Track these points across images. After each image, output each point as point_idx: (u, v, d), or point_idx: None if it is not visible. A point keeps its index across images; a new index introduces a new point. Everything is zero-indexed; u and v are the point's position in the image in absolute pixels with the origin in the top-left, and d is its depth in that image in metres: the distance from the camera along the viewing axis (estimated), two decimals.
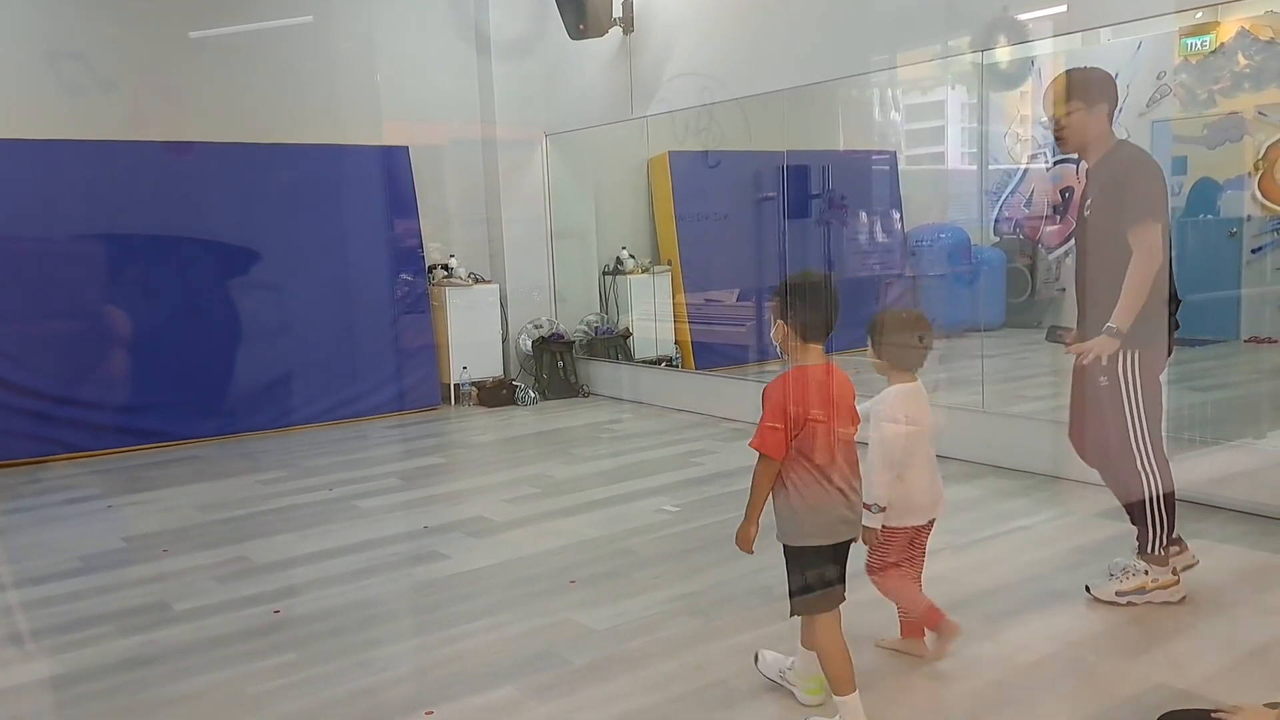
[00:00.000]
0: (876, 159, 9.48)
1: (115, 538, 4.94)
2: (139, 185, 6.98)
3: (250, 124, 7.45)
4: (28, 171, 6.67)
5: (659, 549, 4.52)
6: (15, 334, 6.55)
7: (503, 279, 8.74)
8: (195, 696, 3.21)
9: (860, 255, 9.30)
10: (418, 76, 8.31)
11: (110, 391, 6.83)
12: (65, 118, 6.86)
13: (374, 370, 7.39)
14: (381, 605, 4.02)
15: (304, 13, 7.81)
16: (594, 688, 3.16)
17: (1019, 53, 7.36)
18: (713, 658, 3.34)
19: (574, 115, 8.62)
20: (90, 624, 3.82)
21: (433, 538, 4.79)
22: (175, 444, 6.96)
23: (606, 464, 6.17)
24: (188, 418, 7.01)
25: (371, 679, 3.29)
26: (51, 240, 6.69)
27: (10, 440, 6.50)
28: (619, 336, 8.94)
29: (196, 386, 7.06)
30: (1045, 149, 9.58)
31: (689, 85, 7.42)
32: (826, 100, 7.40)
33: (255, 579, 4.29)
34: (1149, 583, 3.60)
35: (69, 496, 5.80)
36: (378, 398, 7.64)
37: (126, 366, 6.90)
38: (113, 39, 7.10)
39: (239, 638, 3.65)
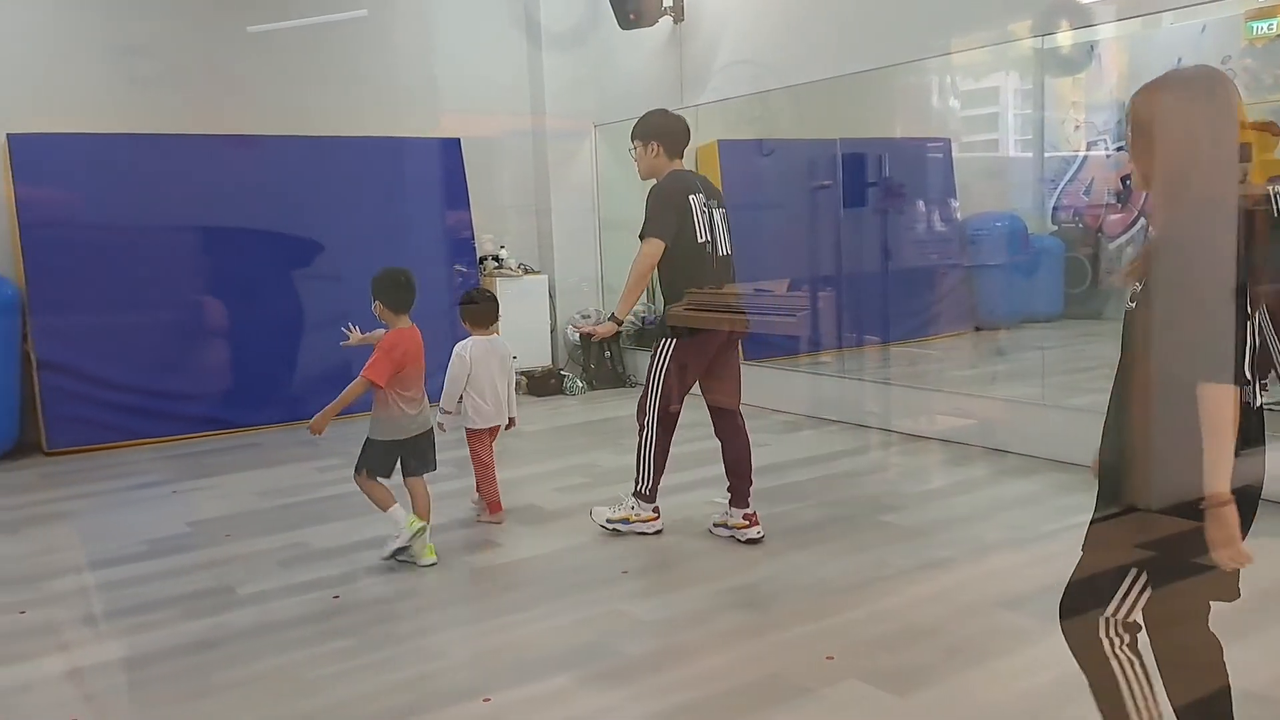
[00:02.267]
0: (931, 146, 9.35)
1: (180, 522, 5.06)
2: (202, 178, 7.11)
3: (309, 117, 7.56)
4: (95, 165, 6.83)
5: (711, 541, 4.52)
6: (84, 324, 6.72)
7: (551, 269, 8.78)
8: (258, 680, 3.28)
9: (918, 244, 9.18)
10: (470, 69, 8.35)
11: (175, 380, 6.99)
12: (132, 112, 7.01)
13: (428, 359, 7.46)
14: (437, 593, 4.08)
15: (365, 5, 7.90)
16: (647, 679, 3.18)
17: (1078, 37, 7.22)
18: (766, 651, 3.34)
19: (623, 105, 8.59)
20: (158, 607, 3.92)
21: (485, 526, 4.84)
22: (237, 431, 7.09)
23: None
24: (249, 406, 7.15)
25: (428, 665, 3.34)
26: (118, 232, 6.85)
27: (79, 427, 6.67)
28: None
29: (258, 375, 7.20)
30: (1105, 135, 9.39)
31: (741, 73, 7.38)
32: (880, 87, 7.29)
33: (314, 564, 4.37)
34: (632, 515, 4.53)
35: (135, 482, 5.94)
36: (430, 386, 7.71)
37: (191, 356, 7.06)
38: (176, 34, 7.25)
39: (299, 622, 3.73)
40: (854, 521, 4.70)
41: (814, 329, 8.31)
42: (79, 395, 6.68)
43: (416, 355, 4.32)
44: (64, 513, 5.36)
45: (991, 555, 4.26)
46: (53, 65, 6.87)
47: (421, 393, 4.39)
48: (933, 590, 3.83)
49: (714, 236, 4.36)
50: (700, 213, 4.32)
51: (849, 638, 3.40)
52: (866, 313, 8.45)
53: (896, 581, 3.93)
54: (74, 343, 6.68)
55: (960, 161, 9.62)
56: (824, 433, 6.65)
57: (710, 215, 4.36)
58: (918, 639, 3.39)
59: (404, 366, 4.23)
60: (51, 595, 4.09)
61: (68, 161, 6.77)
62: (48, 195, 6.66)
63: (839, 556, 4.23)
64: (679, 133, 4.41)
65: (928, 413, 6.36)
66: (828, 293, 8.32)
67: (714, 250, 4.35)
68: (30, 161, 6.65)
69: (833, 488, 5.34)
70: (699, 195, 4.34)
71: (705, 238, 4.32)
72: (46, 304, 6.61)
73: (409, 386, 4.28)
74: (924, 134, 9.33)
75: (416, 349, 4.32)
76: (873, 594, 3.81)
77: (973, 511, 4.84)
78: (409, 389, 4.28)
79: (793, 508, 4.95)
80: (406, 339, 4.26)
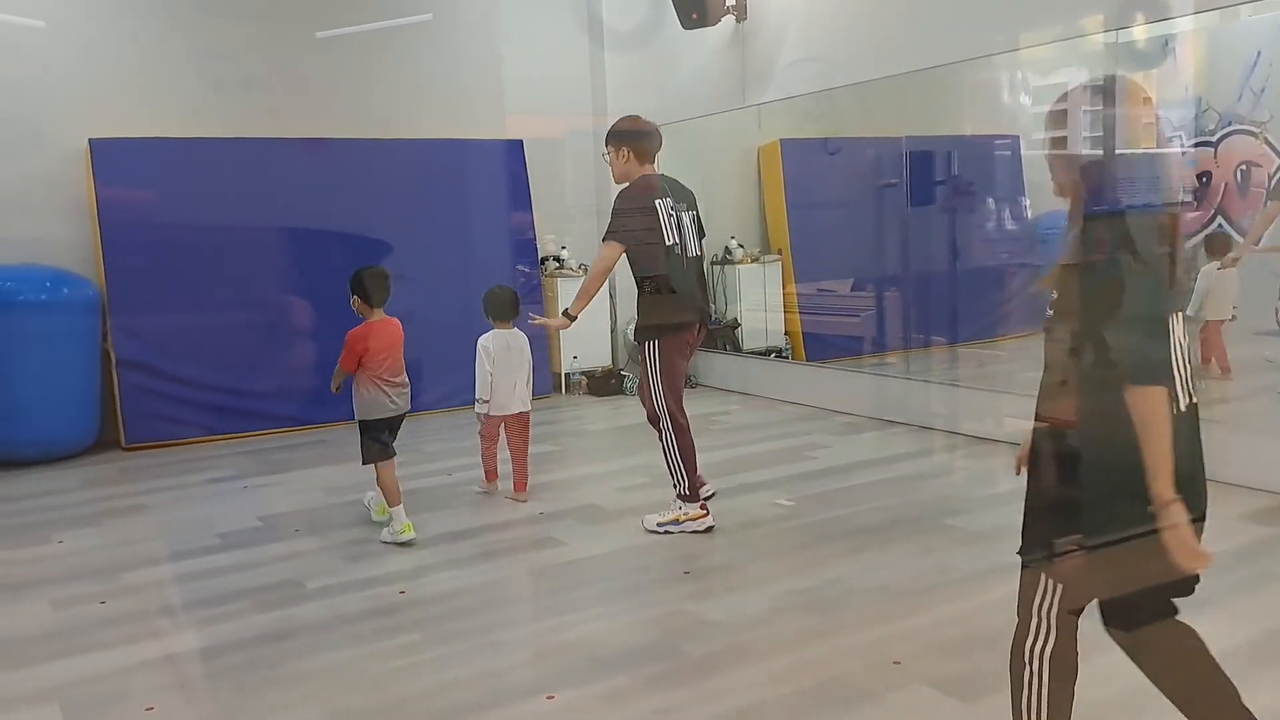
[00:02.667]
0: (999, 144, 9.19)
1: (251, 517, 5.18)
2: (275, 181, 7.29)
3: (378, 120, 7.70)
4: (173, 168, 7.02)
5: (773, 543, 4.50)
6: (161, 324, 6.92)
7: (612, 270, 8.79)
8: (327, 672, 3.35)
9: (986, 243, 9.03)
10: (533, 70, 8.42)
11: (247, 378, 7.17)
12: (208, 117, 7.22)
13: None
14: (501, 589, 4.13)
15: (431, 10, 8.02)
16: (710, 680, 3.18)
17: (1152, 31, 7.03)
18: (831, 655, 3.31)
19: (685, 105, 8.60)
20: (230, 599, 4.02)
21: (548, 524, 4.88)
22: (307, 428, 7.25)
23: (717, 455, 6.16)
24: (319, 403, 7.29)
25: (493, 661, 3.37)
26: (194, 234, 7.04)
27: (155, 424, 6.87)
28: (727, 327, 8.91)
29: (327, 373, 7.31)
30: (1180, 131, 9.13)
31: (805, 71, 7.33)
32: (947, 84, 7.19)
33: (381, 560, 4.44)
34: (681, 515, 4.59)
35: (208, 477, 6.10)
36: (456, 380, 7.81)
37: (263, 354, 7.23)
38: (250, 40, 7.43)
39: (367, 616, 3.80)
40: (919, 525, 4.64)
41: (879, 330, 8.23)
42: (156, 393, 6.88)
43: (392, 344, 4.67)
44: (141, 506, 5.52)
45: None
46: (132, 72, 7.09)
47: (403, 377, 4.73)
48: (1000, 596, 3.74)
49: (682, 238, 4.54)
50: (668, 216, 4.50)
51: (915, 643, 3.37)
52: (933, 313, 8.34)
53: (962, 587, 3.88)
54: (151, 342, 6.89)
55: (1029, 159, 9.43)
56: (888, 434, 6.58)
57: (679, 218, 4.55)
58: (985, 645, 3.33)
59: (371, 353, 4.59)
60: (129, 586, 4.22)
61: (147, 165, 6.97)
62: (127, 198, 6.87)
63: (903, 560, 4.18)
64: (649, 139, 4.59)
65: (995, 415, 6.26)
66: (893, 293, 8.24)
67: (683, 251, 4.54)
68: (111, 165, 6.87)
69: (897, 490, 5.28)
70: (666, 199, 4.52)
71: (674, 240, 4.50)
72: (126, 304, 6.82)
73: (392, 372, 4.67)
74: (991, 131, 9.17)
75: (390, 339, 4.67)
76: (938, 599, 3.76)
77: None
78: (387, 373, 4.65)
79: (856, 510, 4.91)
80: (378, 330, 4.64)
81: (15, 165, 6.73)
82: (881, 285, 8.33)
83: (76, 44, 6.93)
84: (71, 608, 3.98)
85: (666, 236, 4.48)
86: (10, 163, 6.71)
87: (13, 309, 6.21)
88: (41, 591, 4.18)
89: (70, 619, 3.88)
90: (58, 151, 6.86)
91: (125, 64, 7.07)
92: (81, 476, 6.16)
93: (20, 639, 3.71)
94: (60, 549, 4.82)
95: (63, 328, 6.36)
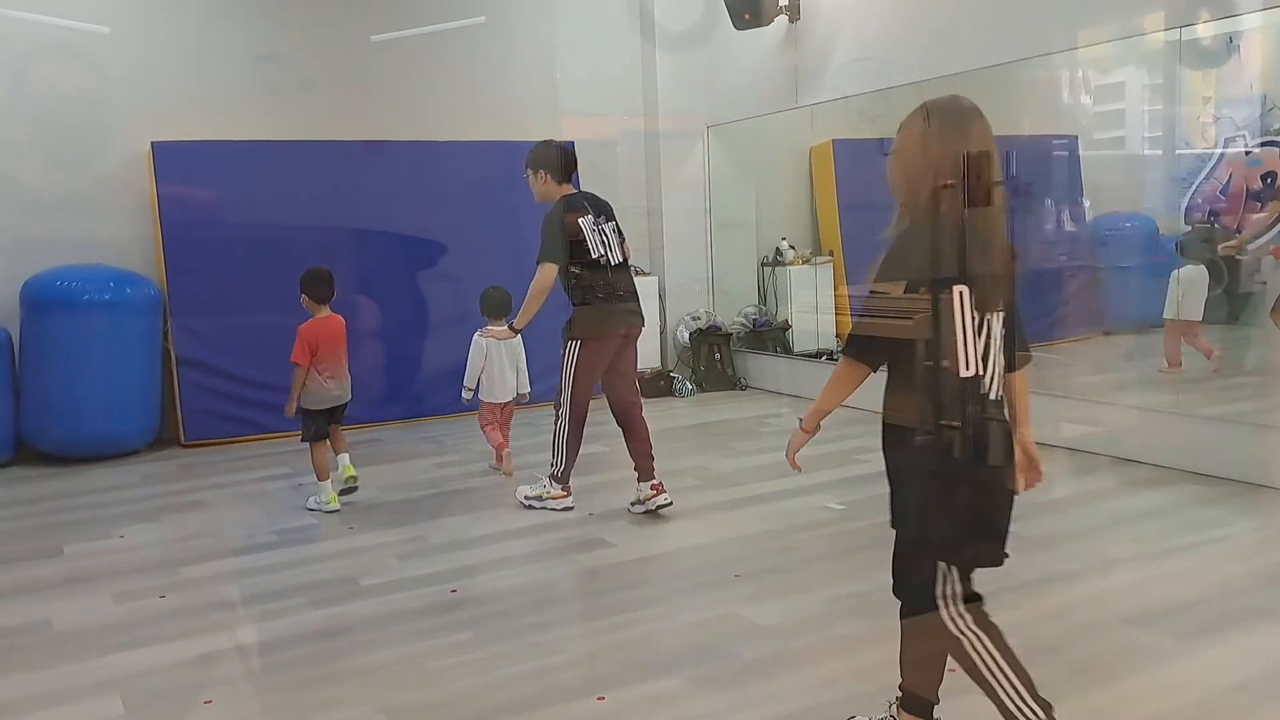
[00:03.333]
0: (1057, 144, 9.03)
1: (305, 514, 5.25)
2: (333, 182, 7.39)
3: (431, 122, 7.78)
4: (233, 170, 7.15)
5: (824, 547, 4.46)
6: (220, 323, 7.06)
7: (661, 270, 8.81)
8: (380, 669, 3.38)
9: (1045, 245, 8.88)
10: (583, 72, 8.46)
11: None
12: (268, 119, 7.36)
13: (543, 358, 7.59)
14: (551, 589, 4.14)
15: (484, 12, 8.10)
16: (761, 683, 3.16)
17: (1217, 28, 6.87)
18: (883, 661, 3.25)
19: (736, 106, 8.58)
20: (285, 595, 4.08)
21: (598, 525, 4.89)
22: (361, 427, 7.33)
23: (767, 458, 6.13)
24: (372, 403, 7.39)
25: (543, 661, 3.38)
26: (253, 235, 7.16)
27: (214, 421, 7.01)
28: (778, 329, 8.86)
29: (381, 373, 7.43)
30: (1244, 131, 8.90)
31: (858, 71, 7.27)
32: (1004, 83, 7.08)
33: (433, 558, 4.48)
34: (545, 493, 5.10)
35: (265, 474, 6.20)
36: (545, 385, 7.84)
37: None
38: (308, 44, 7.56)
39: (419, 614, 3.83)
40: None
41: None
42: (215, 391, 7.02)
43: (333, 340, 5.21)
44: (199, 502, 5.63)
45: (1119, 570, 4.09)
46: (192, 77, 7.24)
47: (341, 370, 5.26)
48: (1056, 605, 3.70)
49: (607, 250, 4.96)
50: (591, 231, 4.92)
51: None
52: None
53: (1017, 594, 3.80)
54: (211, 341, 7.03)
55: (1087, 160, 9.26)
56: None
57: (601, 231, 4.97)
58: (1041, 655, 3.26)
59: (321, 346, 5.11)
60: (188, 580, 4.30)
61: (207, 167, 7.10)
62: (189, 200, 7.02)
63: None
64: (566, 160, 5.11)
65: (1052, 420, 6.14)
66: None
67: (608, 262, 4.95)
68: (173, 168, 7.01)
69: None
70: (588, 216, 4.95)
71: (599, 252, 4.92)
72: (186, 303, 6.96)
73: (329, 366, 5.17)
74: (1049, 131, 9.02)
75: (333, 335, 5.22)
76: (992, 606, 3.65)
77: (1099, 523, 4.66)
78: (327, 368, 5.17)
79: None
80: (323, 326, 5.17)
81: (81, 168, 6.91)
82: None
83: (139, 50, 7.09)
84: (132, 601, 4.07)
85: (592, 250, 4.89)
86: (76, 165, 6.89)
87: (78, 309, 6.37)
88: (104, 585, 4.27)
89: (131, 612, 3.96)
90: (121, 154, 7.03)
91: (186, 69, 7.22)
92: (142, 473, 6.30)
93: (83, 631, 3.80)
94: (121, 543, 4.93)
95: (126, 327, 6.50)
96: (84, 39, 6.95)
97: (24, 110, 6.74)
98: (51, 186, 6.82)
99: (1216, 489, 5.03)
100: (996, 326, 2.36)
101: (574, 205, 4.97)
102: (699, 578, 4.13)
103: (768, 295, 9.11)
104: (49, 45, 6.86)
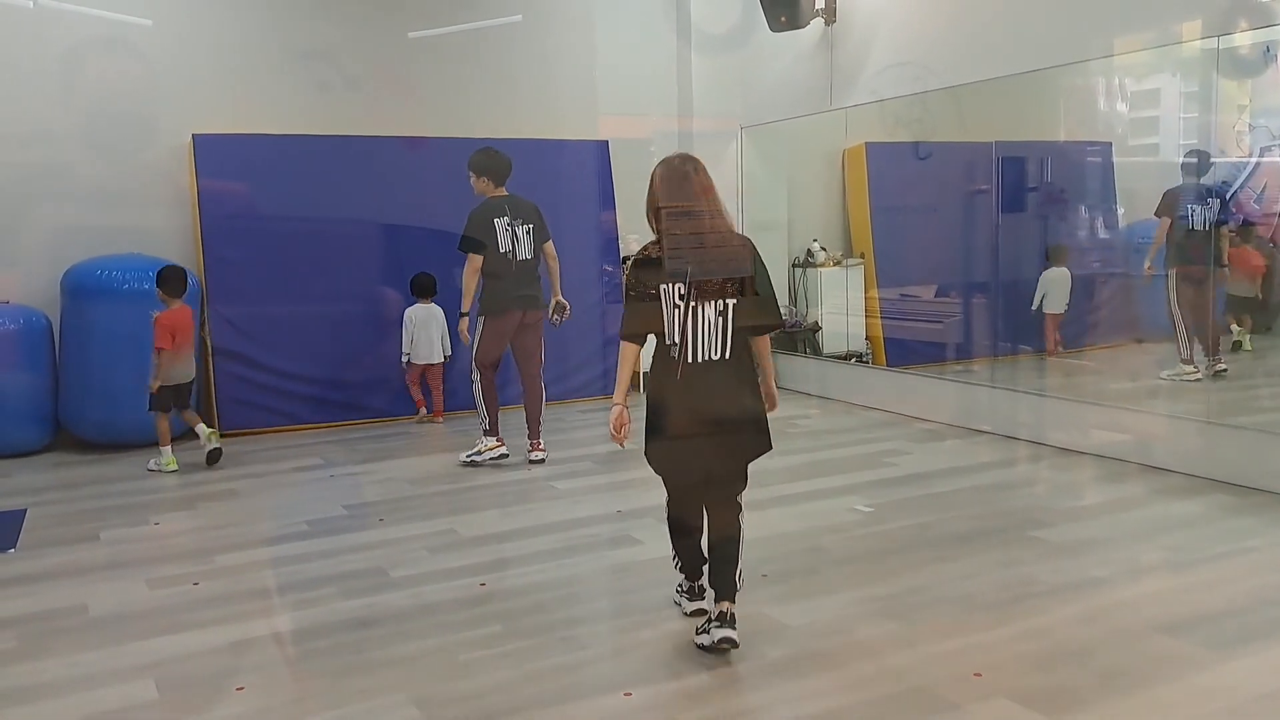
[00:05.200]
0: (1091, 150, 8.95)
1: (337, 505, 5.32)
2: (371, 177, 7.46)
3: (470, 119, 7.84)
4: (271, 164, 7.26)
5: (852, 548, 4.47)
6: (256, 314, 7.15)
7: None
8: (411, 660, 3.42)
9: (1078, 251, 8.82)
10: (619, 71, 8.49)
11: (338, 369, 7.37)
12: (307, 114, 7.47)
13: (575, 355, 7.66)
14: (580, 585, 4.17)
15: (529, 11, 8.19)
16: (789, 683, 3.17)
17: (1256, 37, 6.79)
18: (912, 663, 3.28)
19: (770, 107, 8.58)
20: (317, 585, 4.13)
21: (626, 522, 4.91)
22: (393, 420, 7.42)
23: (796, 459, 6.14)
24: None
25: (572, 656, 3.41)
26: (291, 228, 7.27)
27: (249, 411, 7.10)
28: (807, 330, 8.85)
29: None
30: None
31: (893, 75, 7.25)
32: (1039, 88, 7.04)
33: (463, 551, 4.52)
34: (483, 448, 6.04)
35: (298, 465, 6.28)
36: (574, 381, 7.89)
37: (353, 347, 7.42)
38: (348, 40, 7.65)
39: (449, 607, 3.87)
40: (1002, 536, 4.56)
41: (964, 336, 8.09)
42: (250, 381, 7.11)
43: (189, 325, 6.13)
44: (233, 491, 5.70)
45: (1149, 577, 4.07)
46: (234, 70, 7.34)
47: (188, 353, 6.14)
48: (1085, 611, 3.68)
49: (515, 246, 5.93)
50: (504, 230, 5.90)
51: (997, 655, 3.32)
52: (1021, 321, 8.17)
53: (1047, 600, 3.80)
54: (247, 331, 7.12)
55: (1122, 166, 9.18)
56: (971, 443, 6.47)
57: (513, 230, 5.93)
58: (1070, 660, 3.27)
59: (177, 333, 5.96)
60: (221, 569, 4.37)
61: (246, 160, 7.21)
62: (228, 192, 7.12)
63: (986, 571, 4.12)
64: (500, 167, 5.99)
65: (1083, 426, 6.11)
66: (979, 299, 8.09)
67: (514, 256, 5.92)
68: (213, 160, 7.12)
69: (980, 500, 5.19)
70: (504, 217, 5.91)
71: (506, 247, 5.89)
72: (223, 294, 7.06)
73: (179, 348, 6.00)
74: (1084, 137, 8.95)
75: (187, 321, 6.11)
76: (1022, 611, 3.69)
77: (1129, 531, 4.63)
78: (186, 348, 6.08)
79: (938, 518, 4.84)
80: (177, 316, 6.00)
81: (123, 159, 7.03)
82: (968, 292, 8.18)
83: (182, 44, 7.20)
84: (166, 588, 4.14)
85: (500, 245, 5.87)
86: (119, 157, 7.01)
87: (117, 297, 6.47)
88: (139, 571, 4.35)
89: (165, 598, 4.03)
90: (163, 146, 7.14)
91: (228, 63, 7.32)
92: (177, 461, 6.38)
93: (119, 616, 3.87)
94: (156, 530, 5.02)
95: None
96: (130, 31, 7.06)
97: (71, 102, 6.86)
98: (94, 177, 6.95)
99: (1248, 499, 4.99)
100: (712, 312, 3.32)
101: (493, 207, 5.94)
102: None
103: (798, 296, 9.10)
104: (97, 38, 6.98)
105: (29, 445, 6.60)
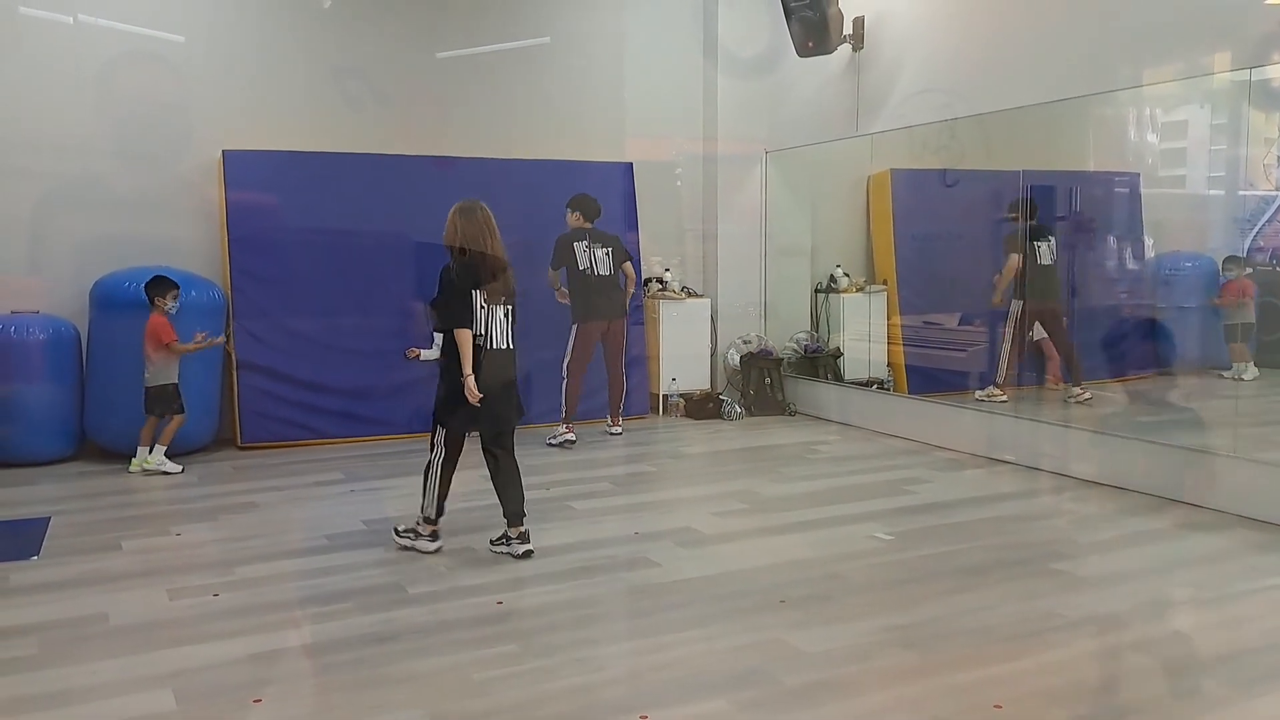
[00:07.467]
0: (1118, 181, 8.92)
1: (356, 520, 5.34)
2: (397, 195, 7.52)
3: (496, 140, 7.93)
4: (299, 180, 7.33)
5: (871, 576, 4.44)
6: (280, 328, 7.21)
7: (715, 293, 8.84)
8: (427, 676, 3.42)
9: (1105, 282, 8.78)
10: (645, 94, 8.56)
11: (359, 385, 7.40)
12: (335, 132, 7.55)
13: (593, 376, 7.66)
14: (596, 606, 4.16)
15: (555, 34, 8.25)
16: (805, 710, 3.15)
17: None
18: (929, 694, 3.25)
19: (796, 132, 8.61)
20: (335, 599, 4.14)
21: (644, 544, 4.90)
22: (414, 436, 7.42)
23: (816, 485, 6.12)
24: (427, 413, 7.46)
25: (588, 677, 3.41)
26: (316, 244, 7.34)
27: (270, 424, 7.15)
28: (829, 356, 8.83)
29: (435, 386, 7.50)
30: None
31: (919, 102, 7.27)
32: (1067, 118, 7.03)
33: (480, 569, 4.53)
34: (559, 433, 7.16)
35: (318, 479, 6.31)
36: (592, 403, 7.89)
37: (374, 363, 7.44)
38: (377, 60, 7.74)
39: (466, 624, 3.87)
40: (1023, 567, 4.52)
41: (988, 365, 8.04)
42: (272, 395, 7.16)
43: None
44: (254, 504, 5.73)
45: (1172, 613, 4.03)
46: (264, 88, 7.44)
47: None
48: (1107, 646, 3.65)
49: (594, 265, 7.20)
50: (583, 251, 7.14)
51: (1017, 687, 3.28)
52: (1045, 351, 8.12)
53: (1067, 634, 3.76)
54: (270, 345, 7.18)
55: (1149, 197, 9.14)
56: (993, 473, 6.43)
57: (592, 252, 7.18)
58: (1091, 696, 3.23)
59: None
60: (241, 580, 4.39)
61: (274, 176, 7.29)
62: (256, 207, 7.20)
63: (1006, 602, 4.08)
64: (589, 208, 7.23)
65: (1108, 459, 6.05)
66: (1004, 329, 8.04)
67: (593, 273, 7.23)
68: (242, 176, 7.20)
69: (1001, 530, 5.15)
70: (583, 241, 7.15)
71: (585, 265, 7.17)
72: (248, 308, 7.13)
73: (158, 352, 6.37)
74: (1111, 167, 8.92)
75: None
76: (1041, 645, 3.66)
77: (1152, 565, 4.58)
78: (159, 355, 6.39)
79: (957, 548, 4.81)
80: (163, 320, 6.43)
81: (154, 173, 7.13)
82: (992, 320, 8.14)
83: (214, 60, 7.31)
84: (186, 598, 4.17)
85: (580, 263, 7.20)
86: (150, 170, 7.11)
87: (144, 310, 6.53)
88: (159, 581, 4.38)
89: (185, 609, 4.05)
90: (193, 161, 7.24)
91: (257, 80, 7.43)
92: (199, 472, 6.44)
93: (139, 625, 3.89)
94: (177, 541, 5.05)
95: (190, 329, 6.66)
96: (164, 48, 7.17)
97: (105, 115, 6.97)
98: (125, 190, 7.05)
99: (1274, 535, 4.93)
100: (501, 312, 4.74)
101: (574, 234, 7.18)
102: (743, 601, 4.12)
103: (820, 321, 9.09)
104: (133, 54, 7.09)
105: (54, 454, 6.67)
